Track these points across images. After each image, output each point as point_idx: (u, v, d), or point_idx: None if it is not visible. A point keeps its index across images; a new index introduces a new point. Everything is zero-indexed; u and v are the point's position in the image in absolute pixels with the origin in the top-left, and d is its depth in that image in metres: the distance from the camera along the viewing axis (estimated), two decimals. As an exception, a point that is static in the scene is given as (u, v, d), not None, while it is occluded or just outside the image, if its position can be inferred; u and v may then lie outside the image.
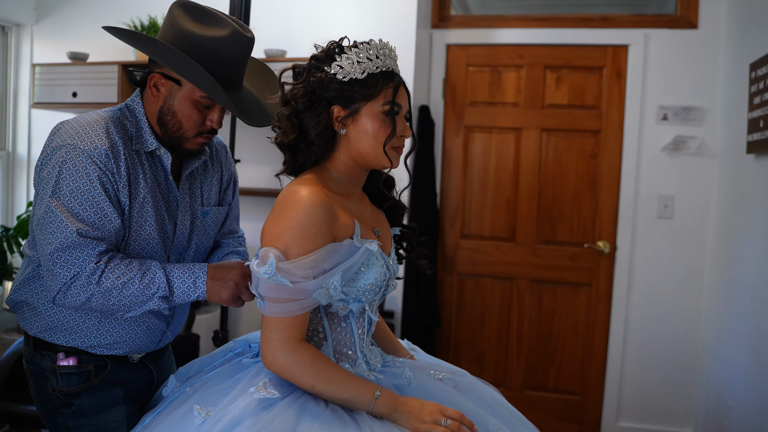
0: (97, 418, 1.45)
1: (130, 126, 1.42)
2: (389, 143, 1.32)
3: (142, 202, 1.40)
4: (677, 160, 3.27)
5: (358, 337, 1.35)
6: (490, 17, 3.55)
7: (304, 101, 1.31)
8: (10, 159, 3.66)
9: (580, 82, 3.41)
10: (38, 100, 3.35)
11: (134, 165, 1.40)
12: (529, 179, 3.48)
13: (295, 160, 1.37)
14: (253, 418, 1.17)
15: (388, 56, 1.32)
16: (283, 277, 1.19)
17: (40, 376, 1.47)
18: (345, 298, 1.28)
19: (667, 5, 3.44)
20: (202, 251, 1.60)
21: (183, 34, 1.37)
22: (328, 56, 1.31)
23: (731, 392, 2.80)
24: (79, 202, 1.32)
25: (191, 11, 1.40)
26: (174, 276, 1.36)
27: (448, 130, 3.58)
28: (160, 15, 3.38)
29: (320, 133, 1.31)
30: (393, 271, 1.41)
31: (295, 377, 1.23)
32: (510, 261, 3.53)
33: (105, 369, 1.46)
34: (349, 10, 3.29)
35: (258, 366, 1.32)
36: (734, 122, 2.95)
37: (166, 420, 1.28)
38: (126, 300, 1.34)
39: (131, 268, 1.33)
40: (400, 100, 1.33)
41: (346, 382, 1.24)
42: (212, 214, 1.60)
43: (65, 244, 1.30)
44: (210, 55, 1.37)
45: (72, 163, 1.32)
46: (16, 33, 3.63)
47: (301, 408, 1.20)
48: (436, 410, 1.22)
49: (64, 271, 1.31)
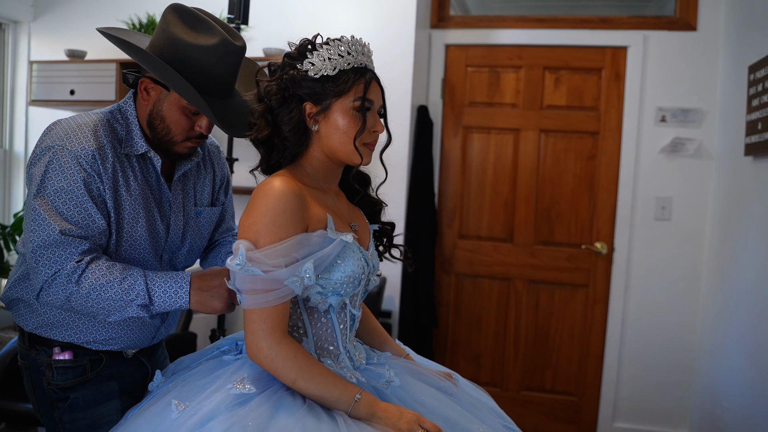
0: (92, 411, 1.47)
1: (120, 129, 1.43)
2: (359, 138, 1.32)
3: (132, 204, 1.41)
4: (675, 161, 3.27)
5: (340, 333, 1.36)
6: (489, 18, 3.55)
7: (278, 98, 1.32)
8: (7, 156, 3.65)
9: (579, 83, 3.41)
10: (35, 97, 3.34)
11: (123, 167, 1.40)
12: (528, 180, 3.49)
13: (270, 158, 1.38)
14: (228, 413, 1.17)
15: (360, 52, 1.33)
16: (254, 266, 1.19)
17: (35, 371, 1.48)
18: (322, 291, 1.28)
19: (666, 7, 3.45)
20: (196, 251, 1.61)
21: (173, 40, 1.37)
22: (301, 54, 1.32)
23: (727, 394, 2.81)
24: (63, 201, 1.33)
25: (183, 17, 1.39)
26: (155, 285, 1.35)
27: (446, 131, 3.57)
28: (158, 13, 3.37)
29: (293, 129, 1.32)
30: (372, 266, 1.41)
31: (278, 369, 1.23)
32: (507, 262, 3.53)
33: (100, 363, 1.48)
34: (348, 10, 3.29)
35: (238, 363, 1.32)
36: (732, 124, 2.96)
37: (144, 414, 1.28)
38: (104, 303, 1.33)
39: (112, 272, 1.33)
40: (371, 96, 1.34)
41: (328, 380, 1.24)
42: (205, 215, 1.61)
43: (47, 241, 1.31)
44: (198, 64, 1.37)
45: (58, 163, 1.33)
46: (13, 30, 3.62)
47: (277, 403, 1.20)
48: (413, 420, 1.22)
49: (45, 268, 1.31)
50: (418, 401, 1.31)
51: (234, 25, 2.58)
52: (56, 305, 1.36)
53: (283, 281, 1.22)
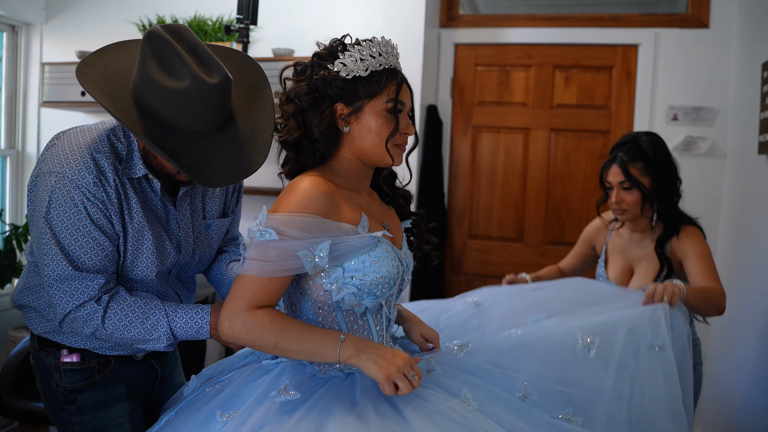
0: (100, 414, 1.46)
1: (121, 148, 1.38)
2: (392, 140, 1.32)
3: (137, 226, 1.39)
4: (687, 160, 3.24)
5: (376, 334, 1.35)
6: (498, 17, 3.54)
7: (308, 99, 1.31)
8: (19, 157, 3.68)
9: (590, 81, 3.39)
10: (47, 99, 3.37)
11: (125, 189, 1.37)
12: (538, 179, 3.47)
13: (298, 160, 1.37)
14: (275, 423, 1.15)
15: (391, 54, 1.33)
16: (270, 228, 1.19)
17: (45, 372, 1.49)
18: (357, 292, 1.26)
19: (678, 4, 3.41)
20: (204, 262, 1.60)
21: (146, 79, 1.27)
22: (331, 54, 1.32)
23: (740, 395, 2.78)
24: (70, 232, 1.32)
25: (156, 52, 1.26)
26: (176, 325, 1.38)
27: (456, 130, 3.56)
28: (168, 15, 3.39)
29: (324, 130, 1.31)
30: (406, 265, 1.40)
31: (256, 339, 1.22)
32: (518, 261, 3.51)
33: (108, 366, 1.47)
34: (358, 10, 3.28)
35: (279, 368, 1.31)
36: (745, 123, 2.92)
37: (187, 422, 1.27)
38: (128, 339, 1.38)
39: (134, 310, 1.37)
40: (403, 98, 1.33)
41: (308, 334, 1.22)
42: (215, 227, 1.58)
43: (62, 276, 1.33)
44: (172, 107, 1.26)
45: (60, 192, 1.31)
46: (25, 32, 3.65)
47: (325, 411, 1.18)
48: (407, 360, 1.22)
49: (63, 302, 1.34)
50: (464, 381, 1.31)
51: (243, 25, 2.58)
52: (81, 335, 1.41)
53: (296, 252, 1.20)
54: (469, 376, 1.36)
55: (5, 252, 3.10)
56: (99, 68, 1.35)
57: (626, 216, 2.11)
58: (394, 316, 1.42)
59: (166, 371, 1.59)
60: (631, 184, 2.04)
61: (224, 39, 3.25)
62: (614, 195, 2.08)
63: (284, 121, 1.34)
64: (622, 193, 2.07)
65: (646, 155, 2.05)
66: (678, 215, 2.08)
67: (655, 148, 2.06)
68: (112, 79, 1.33)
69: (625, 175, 2.04)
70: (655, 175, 2.05)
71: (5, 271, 3.08)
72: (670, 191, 2.07)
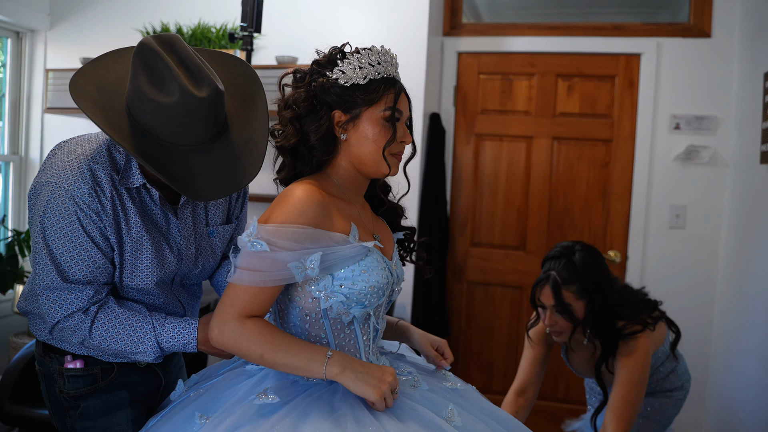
0: (102, 420, 1.46)
1: (120, 158, 1.38)
2: (388, 149, 1.33)
3: (135, 236, 1.39)
4: (690, 169, 3.24)
5: (363, 344, 1.34)
6: (501, 25, 3.55)
7: (306, 105, 1.32)
8: (22, 163, 3.69)
9: (592, 90, 3.40)
10: (51, 105, 3.37)
11: (122, 200, 1.37)
12: (540, 188, 3.47)
13: (294, 166, 1.37)
14: (251, 425, 1.16)
15: (390, 63, 1.34)
16: (262, 240, 1.19)
17: (49, 378, 1.49)
18: (346, 300, 1.26)
19: (680, 14, 3.42)
20: (208, 269, 1.59)
21: (138, 93, 1.26)
22: (330, 61, 1.33)
23: (743, 404, 2.77)
24: (62, 243, 1.32)
25: (146, 66, 1.25)
26: (162, 339, 1.40)
27: (458, 138, 3.57)
28: (173, 22, 3.40)
29: (321, 137, 1.32)
30: (396, 276, 1.40)
31: (243, 348, 1.22)
32: (520, 270, 3.51)
33: (111, 372, 1.47)
34: (361, 18, 3.30)
35: (262, 373, 1.32)
36: (747, 132, 2.93)
37: (166, 425, 1.29)
38: (116, 350, 1.39)
39: (121, 321, 1.38)
40: (400, 107, 1.34)
41: (295, 348, 1.22)
42: (218, 233, 1.57)
43: (51, 286, 1.34)
44: (161, 120, 1.26)
45: (56, 203, 1.32)
46: (30, 39, 3.66)
47: (302, 415, 1.18)
48: (395, 375, 1.23)
49: (52, 311, 1.35)
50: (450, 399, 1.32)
51: (247, 33, 2.59)
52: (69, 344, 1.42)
53: (286, 263, 1.20)
54: (456, 396, 1.37)
55: (7, 258, 3.10)
56: (94, 78, 1.36)
57: (562, 338, 2.04)
58: (383, 328, 1.41)
59: (170, 378, 1.58)
60: (564, 311, 1.96)
61: (228, 46, 3.26)
62: (547, 318, 2.00)
63: (282, 126, 1.35)
64: (556, 317, 1.99)
65: (580, 276, 1.94)
66: (615, 332, 1.96)
67: (589, 265, 1.96)
68: (106, 90, 1.34)
69: (557, 302, 1.95)
70: (589, 298, 1.95)
71: (7, 277, 3.08)
72: (604, 311, 1.96)
